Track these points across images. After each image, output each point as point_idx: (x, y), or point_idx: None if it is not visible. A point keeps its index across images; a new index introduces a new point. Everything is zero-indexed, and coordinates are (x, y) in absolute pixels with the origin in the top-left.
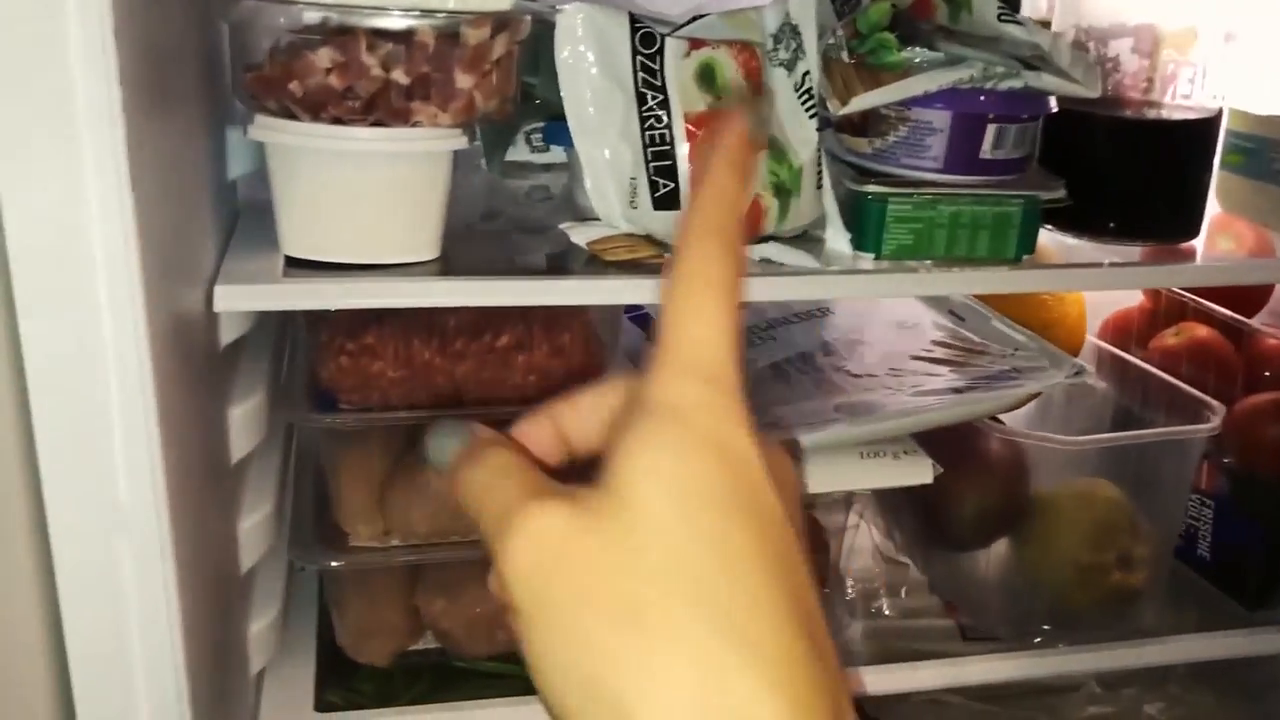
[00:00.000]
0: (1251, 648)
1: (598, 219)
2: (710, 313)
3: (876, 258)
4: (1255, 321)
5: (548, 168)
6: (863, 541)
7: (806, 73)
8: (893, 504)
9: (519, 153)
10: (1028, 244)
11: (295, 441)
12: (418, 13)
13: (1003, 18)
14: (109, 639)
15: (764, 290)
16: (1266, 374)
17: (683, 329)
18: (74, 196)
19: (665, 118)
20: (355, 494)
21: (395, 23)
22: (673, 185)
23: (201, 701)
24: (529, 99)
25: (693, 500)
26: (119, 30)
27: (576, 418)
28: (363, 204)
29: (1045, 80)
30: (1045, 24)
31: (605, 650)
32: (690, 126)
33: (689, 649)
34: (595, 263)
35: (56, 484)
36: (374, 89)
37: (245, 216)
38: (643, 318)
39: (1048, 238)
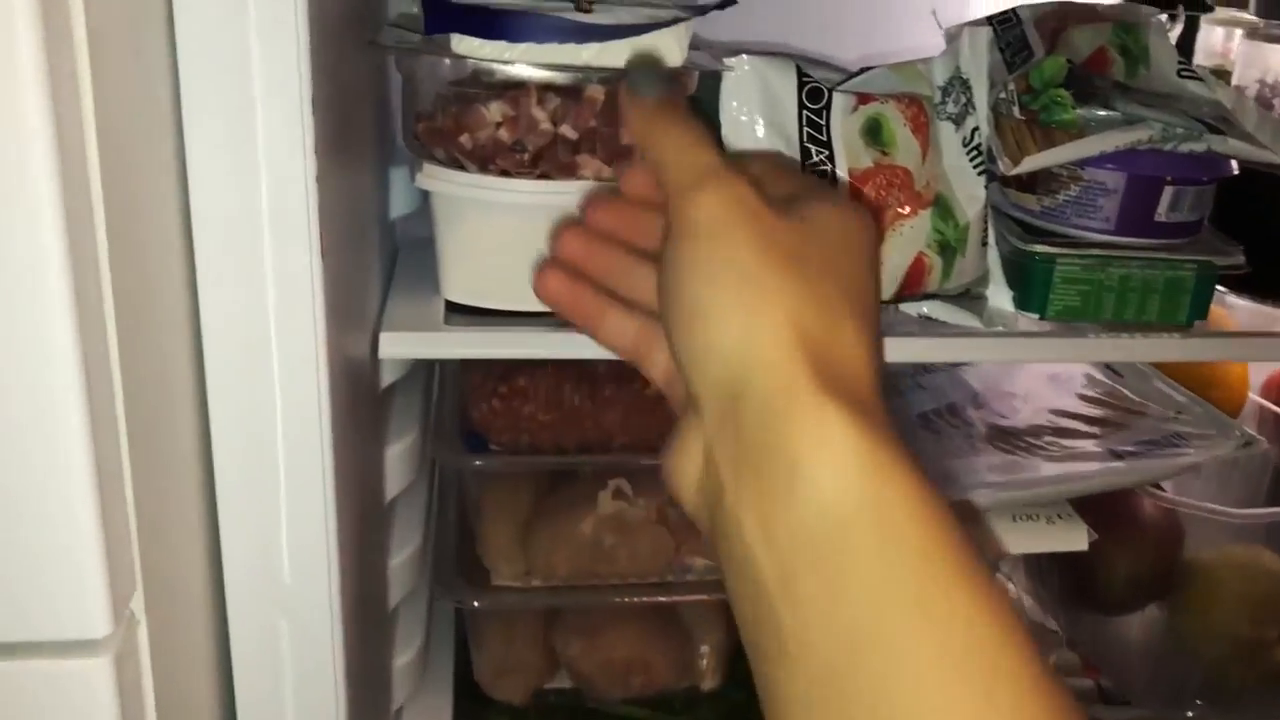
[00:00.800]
0: None
1: None
2: (676, 134)
3: (1041, 318)
4: None
5: None
6: None
7: (976, 128)
8: (1039, 562)
9: None
10: (1200, 310)
11: (437, 477)
12: (589, 69)
13: (1182, 73)
14: (272, 680)
15: (927, 351)
16: None
17: (669, 155)
18: (260, 268)
19: (829, 172)
20: (499, 533)
21: (565, 78)
22: None
23: None
24: None
25: (819, 234)
26: (316, 99)
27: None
28: (525, 254)
29: (1230, 145)
30: (1222, 73)
31: (746, 273)
32: (854, 182)
33: (794, 292)
34: None
35: (233, 539)
36: (542, 143)
37: (403, 255)
38: None
39: None
